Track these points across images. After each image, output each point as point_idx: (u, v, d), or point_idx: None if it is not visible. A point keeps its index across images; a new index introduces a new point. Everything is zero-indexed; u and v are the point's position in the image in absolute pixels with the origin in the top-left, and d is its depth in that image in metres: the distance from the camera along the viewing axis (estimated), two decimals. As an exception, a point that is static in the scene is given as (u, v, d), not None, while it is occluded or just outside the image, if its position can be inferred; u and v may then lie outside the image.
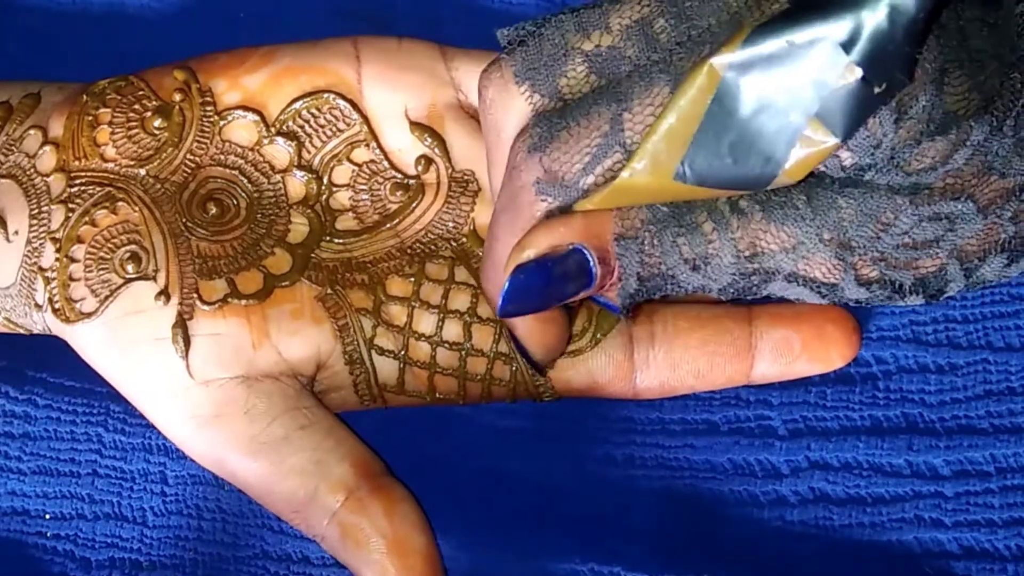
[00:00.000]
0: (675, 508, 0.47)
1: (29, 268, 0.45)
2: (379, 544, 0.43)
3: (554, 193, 0.40)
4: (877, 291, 0.40)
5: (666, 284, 0.41)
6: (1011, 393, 0.46)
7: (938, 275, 0.40)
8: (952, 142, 0.37)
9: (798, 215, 0.39)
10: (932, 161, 0.38)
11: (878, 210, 0.38)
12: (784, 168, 0.37)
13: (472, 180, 0.47)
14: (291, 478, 0.44)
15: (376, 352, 0.45)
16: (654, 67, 0.38)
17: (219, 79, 0.47)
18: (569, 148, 0.39)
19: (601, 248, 0.40)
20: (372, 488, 0.44)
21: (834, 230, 0.39)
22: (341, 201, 0.47)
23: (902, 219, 0.38)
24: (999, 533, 0.45)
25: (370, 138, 0.47)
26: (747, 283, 0.40)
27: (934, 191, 0.38)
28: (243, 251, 0.46)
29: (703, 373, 0.46)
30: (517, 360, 0.45)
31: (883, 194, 0.38)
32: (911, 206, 0.38)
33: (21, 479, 0.49)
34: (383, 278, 0.46)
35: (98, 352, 0.45)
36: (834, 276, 0.40)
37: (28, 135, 0.47)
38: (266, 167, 0.47)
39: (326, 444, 0.44)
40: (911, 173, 0.38)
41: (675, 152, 0.37)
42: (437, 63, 0.47)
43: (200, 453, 0.45)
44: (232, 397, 0.44)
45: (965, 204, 0.38)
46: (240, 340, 0.44)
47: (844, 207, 0.39)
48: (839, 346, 0.46)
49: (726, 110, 0.37)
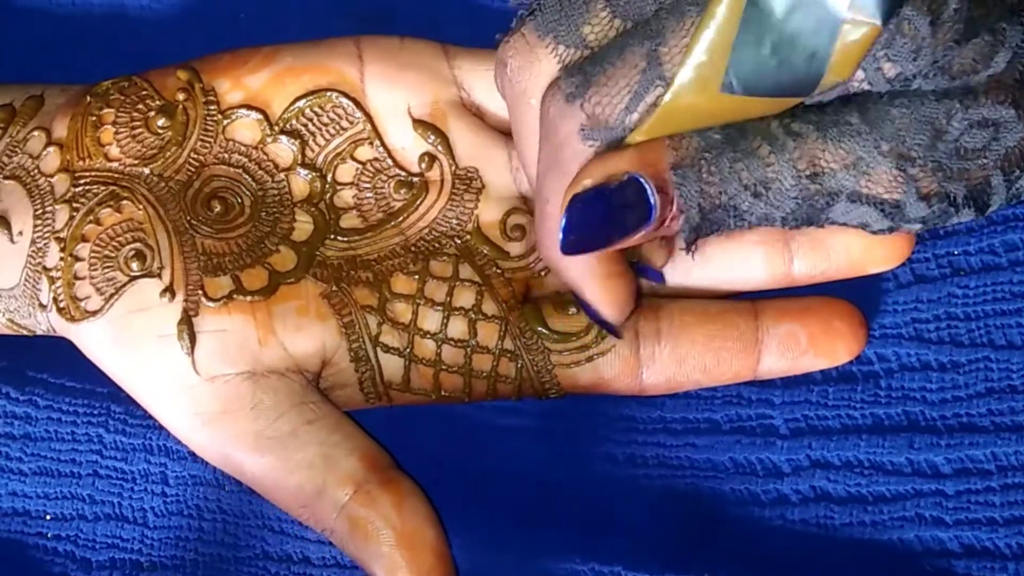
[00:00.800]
0: (676, 507, 0.47)
1: (33, 268, 0.45)
2: (389, 537, 0.43)
3: (600, 136, 0.39)
4: (936, 206, 0.39)
5: (729, 216, 0.40)
6: (1012, 391, 0.46)
7: (984, 186, 0.39)
8: (990, 43, 0.37)
9: (853, 130, 0.38)
10: (974, 64, 0.37)
11: (931, 116, 0.38)
12: (829, 63, 0.37)
13: (476, 177, 0.47)
14: (299, 472, 0.44)
15: (381, 349, 0.45)
16: (682, 1, 0.38)
17: (222, 79, 0.47)
18: (608, 90, 0.39)
19: (658, 177, 0.39)
20: (381, 481, 0.44)
21: (891, 141, 0.38)
22: (345, 199, 0.47)
23: (954, 123, 0.38)
24: (1000, 531, 0.45)
25: (373, 136, 0.47)
26: (811, 208, 0.39)
27: (979, 95, 0.38)
28: (248, 248, 0.46)
29: (709, 368, 0.45)
30: (522, 357, 0.45)
31: (933, 100, 0.38)
32: (962, 109, 0.38)
33: (22, 480, 0.49)
34: (387, 276, 0.46)
35: (103, 350, 0.45)
36: (897, 191, 0.39)
37: (32, 136, 0.47)
38: (270, 166, 0.47)
39: (334, 438, 0.44)
40: (956, 76, 0.37)
41: (718, 64, 0.37)
42: (439, 61, 0.47)
43: (206, 449, 0.45)
44: (238, 393, 0.44)
45: (1008, 111, 0.38)
46: (246, 336, 0.44)
47: (898, 117, 0.38)
48: (845, 340, 0.46)
49: (762, 13, 0.36)
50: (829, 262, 0.46)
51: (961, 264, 0.47)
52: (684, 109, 0.38)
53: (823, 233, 0.45)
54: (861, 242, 0.45)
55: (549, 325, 0.45)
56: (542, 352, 0.45)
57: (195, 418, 0.44)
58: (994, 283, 0.46)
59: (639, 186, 0.39)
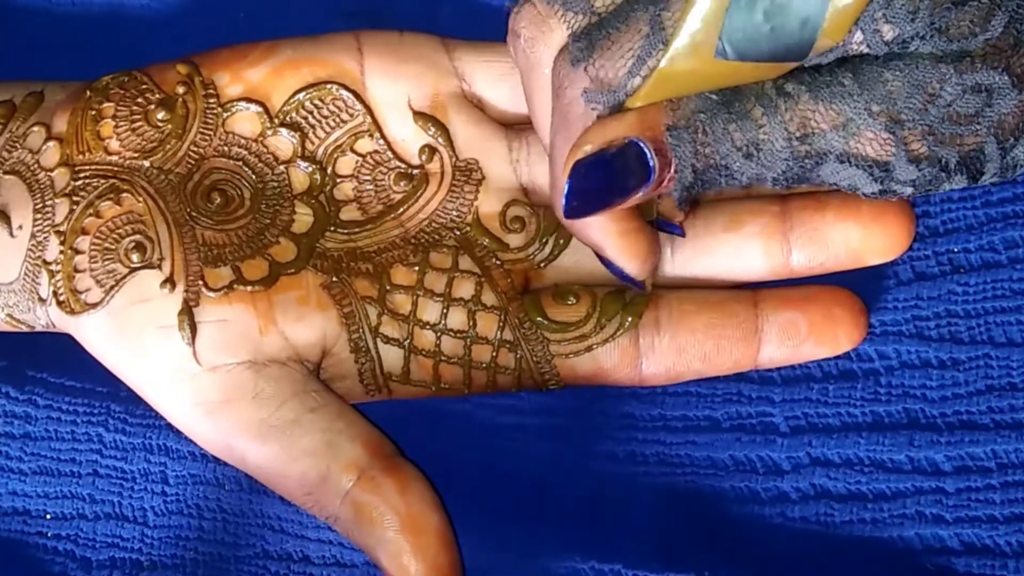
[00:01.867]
0: (676, 505, 0.47)
1: (33, 262, 0.45)
2: (393, 522, 0.43)
3: (603, 100, 0.40)
4: (926, 170, 0.39)
5: (720, 175, 0.40)
6: (1012, 389, 0.46)
7: (978, 154, 0.39)
8: (987, 6, 0.37)
9: (845, 92, 0.39)
10: (971, 26, 0.38)
11: (924, 79, 0.38)
12: (822, 28, 0.37)
13: (476, 169, 0.47)
14: (302, 460, 0.44)
15: (381, 340, 0.45)
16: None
17: (222, 72, 0.47)
18: (612, 54, 0.39)
19: (656, 140, 0.39)
20: (384, 467, 0.44)
21: (883, 103, 0.39)
22: (345, 192, 0.47)
23: (947, 88, 0.38)
24: (1000, 529, 0.45)
25: (373, 128, 0.47)
26: (800, 168, 0.40)
27: (975, 59, 0.38)
28: (248, 240, 0.46)
29: (709, 357, 0.45)
30: (521, 347, 0.45)
31: (928, 63, 0.38)
32: (955, 74, 0.38)
33: (22, 479, 0.49)
34: (387, 267, 0.46)
35: (103, 342, 0.45)
36: (886, 152, 0.39)
37: (32, 132, 0.47)
38: (270, 158, 0.47)
39: (336, 425, 0.44)
40: (953, 39, 0.38)
41: (712, 30, 0.38)
42: (439, 54, 0.47)
43: (209, 440, 0.45)
44: (240, 382, 0.44)
45: (1002, 76, 0.38)
46: (246, 326, 0.44)
47: (891, 80, 0.39)
48: (846, 328, 0.46)
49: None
50: (827, 253, 0.46)
51: (961, 261, 0.47)
52: (680, 74, 0.39)
53: (822, 224, 0.46)
54: (859, 233, 0.45)
55: (548, 315, 0.46)
56: (541, 342, 0.45)
57: (197, 408, 0.44)
58: (994, 280, 0.46)
59: (639, 150, 0.39)
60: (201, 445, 0.45)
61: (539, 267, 0.47)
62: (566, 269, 0.47)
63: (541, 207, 0.47)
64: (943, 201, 0.48)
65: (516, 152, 0.47)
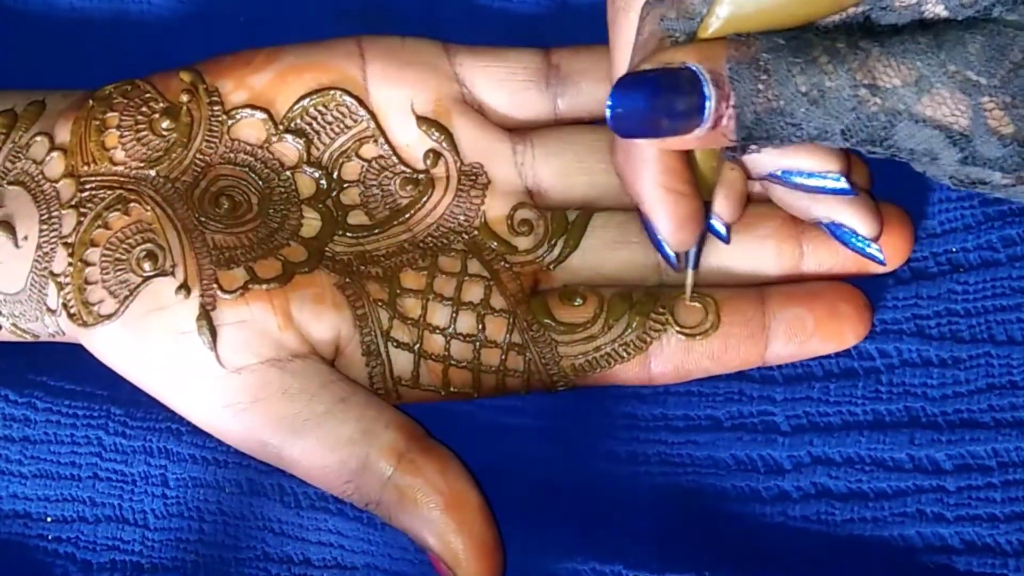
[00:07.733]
0: (678, 504, 0.47)
1: (40, 273, 0.45)
2: (438, 502, 0.43)
3: (678, 27, 0.39)
4: (1014, 150, 0.38)
5: (784, 122, 0.39)
6: (1013, 387, 0.46)
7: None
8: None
9: (919, 48, 0.37)
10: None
11: (1007, 47, 0.37)
12: None
13: (481, 173, 0.47)
14: (340, 450, 0.44)
15: (392, 344, 0.45)
16: None
17: (225, 79, 0.47)
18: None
19: (715, 71, 0.38)
20: (421, 449, 0.44)
21: (959, 64, 0.37)
22: (352, 196, 0.47)
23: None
24: (1001, 528, 0.45)
25: (378, 134, 0.47)
26: (872, 127, 0.38)
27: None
28: (259, 242, 0.46)
29: (718, 355, 0.46)
30: (530, 350, 0.45)
31: (1012, 31, 0.37)
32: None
33: (22, 482, 0.49)
34: (397, 271, 0.46)
35: (120, 353, 0.45)
36: (963, 116, 0.37)
37: (34, 142, 0.47)
38: (276, 164, 0.47)
39: (369, 413, 0.44)
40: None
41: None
42: (441, 59, 0.48)
43: (241, 439, 0.45)
44: (267, 380, 0.44)
45: None
46: (266, 324, 0.44)
47: (970, 42, 0.37)
48: (852, 323, 0.46)
49: None
50: (837, 259, 0.46)
51: (960, 260, 0.47)
52: (750, 8, 0.38)
53: None
54: None
55: (555, 317, 0.46)
56: (549, 344, 0.45)
57: (226, 410, 0.44)
58: (993, 279, 0.47)
59: (693, 75, 0.38)
60: (232, 444, 0.45)
61: (547, 269, 0.47)
62: (575, 270, 0.47)
63: (548, 210, 0.48)
64: (941, 201, 0.48)
65: (520, 155, 0.48)
